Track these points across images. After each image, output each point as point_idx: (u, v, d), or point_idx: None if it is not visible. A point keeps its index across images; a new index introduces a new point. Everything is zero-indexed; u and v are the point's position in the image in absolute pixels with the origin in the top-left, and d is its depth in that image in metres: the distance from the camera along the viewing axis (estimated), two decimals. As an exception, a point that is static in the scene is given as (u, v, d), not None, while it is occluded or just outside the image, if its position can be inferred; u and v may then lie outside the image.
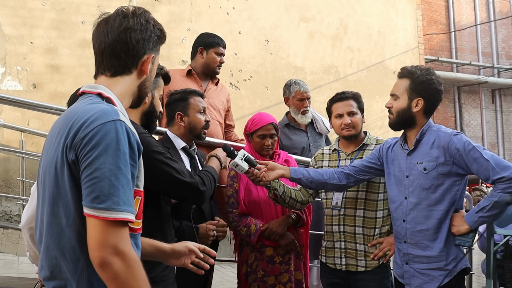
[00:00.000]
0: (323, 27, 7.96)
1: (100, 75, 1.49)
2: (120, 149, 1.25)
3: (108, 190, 1.22)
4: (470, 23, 14.78)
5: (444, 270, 2.35)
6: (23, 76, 5.74)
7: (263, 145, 2.87)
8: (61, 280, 1.32)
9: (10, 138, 5.61)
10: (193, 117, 2.64)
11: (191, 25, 6.71)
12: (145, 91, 1.56)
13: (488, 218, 2.31)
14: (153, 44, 1.50)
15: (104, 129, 1.25)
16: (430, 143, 2.40)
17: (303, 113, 3.91)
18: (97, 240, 1.22)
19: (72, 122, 1.30)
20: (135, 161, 1.31)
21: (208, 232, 2.47)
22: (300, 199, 2.73)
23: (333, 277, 2.79)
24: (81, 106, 1.35)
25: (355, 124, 2.78)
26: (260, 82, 7.25)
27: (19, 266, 4.56)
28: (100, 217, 1.21)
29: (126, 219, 1.24)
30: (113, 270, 1.21)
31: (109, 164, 1.23)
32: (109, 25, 1.45)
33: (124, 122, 1.30)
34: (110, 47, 1.45)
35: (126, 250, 1.23)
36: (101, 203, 1.21)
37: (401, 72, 2.50)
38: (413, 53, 8.78)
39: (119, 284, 1.22)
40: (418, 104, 2.42)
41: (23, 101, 3.38)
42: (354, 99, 2.82)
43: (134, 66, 1.48)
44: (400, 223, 2.46)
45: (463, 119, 14.86)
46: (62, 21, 5.97)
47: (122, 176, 1.24)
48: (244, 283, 2.87)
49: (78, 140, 1.26)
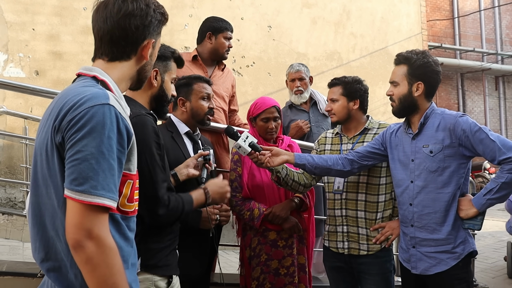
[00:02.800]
0: (326, 13, 7.91)
1: (97, 58, 1.47)
2: (105, 133, 1.23)
3: (87, 173, 1.20)
4: (474, 9, 14.68)
5: (451, 253, 2.36)
6: (26, 63, 5.74)
7: (267, 129, 2.87)
8: (55, 262, 1.31)
9: (13, 125, 5.63)
10: (195, 102, 2.62)
11: (193, 11, 6.68)
12: (145, 75, 1.55)
13: (496, 200, 2.29)
14: (154, 28, 1.48)
15: (91, 112, 1.23)
16: (436, 126, 2.40)
17: (296, 93, 4.11)
18: (73, 222, 1.20)
19: (62, 105, 1.28)
20: (123, 147, 1.28)
21: (211, 215, 2.47)
22: (303, 182, 2.74)
23: (335, 261, 2.81)
24: (74, 89, 1.33)
25: (335, 111, 2.80)
26: (263, 68, 7.23)
27: (24, 252, 4.59)
28: (76, 199, 1.20)
29: (102, 204, 1.21)
30: (85, 253, 1.19)
31: (91, 147, 1.21)
32: (108, 10, 1.43)
33: (113, 106, 1.27)
34: (109, 34, 1.42)
35: (101, 236, 1.21)
36: (78, 185, 1.20)
37: (397, 59, 2.50)
38: (416, 39, 8.73)
39: (91, 269, 1.21)
40: (418, 88, 2.42)
41: (26, 86, 3.37)
42: (342, 85, 2.81)
43: (134, 52, 1.46)
44: (407, 207, 2.47)
45: (466, 106, 14.82)
46: (64, 8, 5.95)
47: (104, 161, 1.22)
48: (247, 267, 2.88)
49: (65, 123, 1.25)
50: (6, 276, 2.93)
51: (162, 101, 2.13)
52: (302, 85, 4.10)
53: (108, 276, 1.21)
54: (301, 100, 4.11)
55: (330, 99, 2.84)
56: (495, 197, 2.27)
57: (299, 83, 4.09)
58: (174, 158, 2.41)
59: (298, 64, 4.22)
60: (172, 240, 2.06)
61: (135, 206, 1.43)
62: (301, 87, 4.09)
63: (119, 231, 1.35)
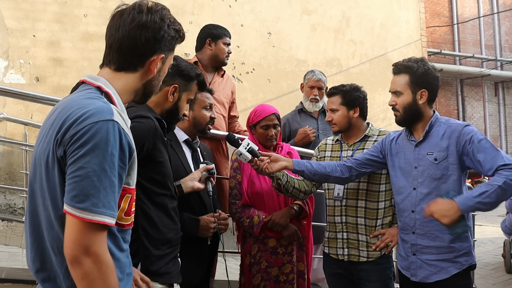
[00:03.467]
0: (326, 20, 7.93)
1: (105, 66, 1.45)
2: (108, 150, 1.22)
3: (88, 191, 1.19)
4: (473, 15, 14.73)
5: (453, 262, 2.35)
6: (26, 70, 5.75)
7: (266, 136, 2.87)
8: (51, 272, 1.31)
9: (13, 131, 5.63)
10: (198, 112, 2.63)
11: (193, 18, 6.70)
12: (151, 89, 1.51)
13: (484, 206, 2.18)
14: (165, 44, 1.45)
15: (95, 128, 1.22)
16: (441, 134, 2.40)
17: (311, 100, 4.11)
18: (72, 238, 1.20)
19: (66, 117, 1.27)
20: (124, 163, 1.28)
21: (209, 224, 2.48)
22: (303, 189, 2.74)
23: (335, 267, 2.81)
24: (77, 100, 1.32)
25: (336, 122, 2.81)
26: (263, 74, 7.24)
27: (23, 258, 4.57)
28: (77, 216, 1.19)
29: (102, 222, 1.21)
30: (82, 269, 1.19)
31: (94, 164, 1.20)
32: (122, 19, 1.42)
33: (117, 122, 1.26)
34: (118, 42, 1.41)
35: (99, 253, 1.21)
36: (79, 202, 1.19)
37: (397, 68, 2.49)
38: (415, 46, 8.74)
39: (87, 284, 1.21)
40: (422, 96, 2.43)
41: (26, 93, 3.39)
42: (340, 95, 2.81)
43: (141, 65, 1.44)
44: (408, 214, 2.46)
45: (466, 112, 14.84)
46: (64, 14, 5.96)
47: (106, 178, 1.21)
48: (247, 274, 2.88)
49: (68, 137, 1.23)
50: (6, 283, 2.93)
51: (173, 118, 2.14)
52: (319, 94, 4.12)
53: None
54: (315, 108, 4.14)
55: (330, 109, 2.85)
56: (486, 201, 2.15)
57: (317, 91, 4.11)
58: (173, 166, 2.41)
59: (320, 72, 4.20)
60: (172, 249, 2.05)
61: (132, 219, 1.42)
62: (318, 96, 4.11)
63: (115, 244, 1.35)
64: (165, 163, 2.00)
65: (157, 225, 1.96)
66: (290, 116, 4.24)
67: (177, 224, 2.11)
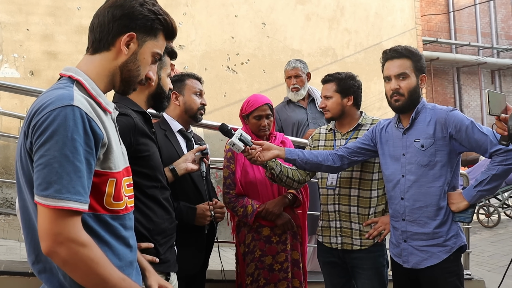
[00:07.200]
0: (320, 9, 7.92)
1: (86, 53, 1.46)
2: (68, 135, 1.20)
3: (50, 178, 1.18)
4: (469, 3, 14.70)
5: (443, 246, 2.38)
6: (20, 64, 5.75)
7: (259, 126, 2.88)
8: (46, 263, 1.31)
9: (9, 125, 5.64)
10: (188, 97, 2.65)
11: (187, 9, 6.68)
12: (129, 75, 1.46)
13: (487, 192, 2.32)
14: (138, 23, 1.42)
15: (52, 116, 1.21)
16: (427, 120, 2.41)
17: (293, 90, 4.14)
18: (42, 228, 1.20)
19: (31, 110, 1.27)
20: (90, 147, 1.25)
21: (205, 212, 2.50)
22: (297, 178, 2.75)
23: (329, 256, 2.83)
24: (45, 93, 1.32)
25: (329, 108, 2.83)
26: (258, 65, 7.24)
27: (21, 251, 4.59)
28: (43, 204, 1.19)
29: (68, 207, 1.19)
30: (59, 258, 1.20)
31: (54, 151, 1.19)
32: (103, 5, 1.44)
33: (77, 107, 1.24)
34: (91, 22, 1.43)
35: (72, 238, 1.20)
36: (43, 190, 1.18)
37: (400, 52, 2.46)
38: (410, 34, 8.74)
39: (70, 269, 1.22)
40: (422, 81, 2.46)
41: (20, 87, 3.38)
42: (335, 82, 2.83)
43: (112, 44, 1.41)
44: (398, 201, 2.48)
45: (463, 100, 14.85)
46: (57, 8, 5.95)
47: (68, 163, 1.19)
48: (242, 263, 2.91)
49: (31, 128, 1.24)
50: (4, 275, 2.95)
51: (161, 98, 2.16)
52: (298, 82, 4.12)
53: (89, 272, 1.22)
54: (298, 97, 4.14)
55: (324, 96, 2.86)
56: (486, 188, 2.29)
57: (295, 80, 4.12)
58: (168, 156, 2.43)
59: (295, 60, 4.21)
60: (167, 238, 2.07)
61: (127, 203, 1.41)
62: (297, 85, 4.12)
63: (110, 232, 1.35)
64: (153, 155, 1.99)
65: (151, 216, 1.97)
66: (279, 107, 4.23)
67: (171, 214, 2.11)
